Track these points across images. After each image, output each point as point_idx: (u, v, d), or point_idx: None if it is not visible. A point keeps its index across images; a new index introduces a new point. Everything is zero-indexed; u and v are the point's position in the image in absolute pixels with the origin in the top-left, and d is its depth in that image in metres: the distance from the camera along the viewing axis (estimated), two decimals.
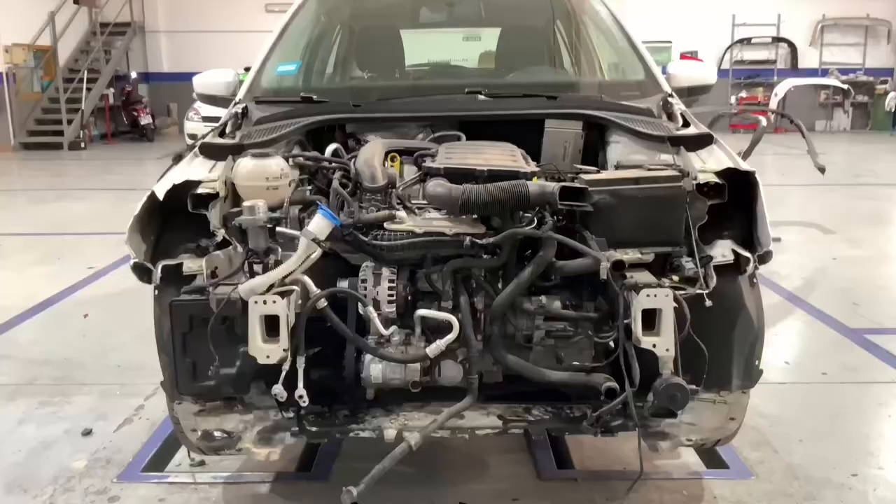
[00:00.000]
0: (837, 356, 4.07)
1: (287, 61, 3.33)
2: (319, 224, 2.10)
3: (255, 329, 2.04)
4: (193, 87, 3.41)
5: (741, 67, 18.80)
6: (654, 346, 2.04)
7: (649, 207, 2.18)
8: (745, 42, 18.71)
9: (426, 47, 4.67)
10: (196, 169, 2.42)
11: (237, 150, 2.47)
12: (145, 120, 16.68)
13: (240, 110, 2.81)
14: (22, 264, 6.21)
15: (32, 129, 15.56)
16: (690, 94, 3.25)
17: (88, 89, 15.92)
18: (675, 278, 2.21)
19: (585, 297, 2.30)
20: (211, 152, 2.51)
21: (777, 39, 18.79)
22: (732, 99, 18.32)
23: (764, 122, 6.79)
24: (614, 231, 2.17)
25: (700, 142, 2.54)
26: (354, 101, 2.75)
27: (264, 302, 2.03)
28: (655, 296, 2.02)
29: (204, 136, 2.69)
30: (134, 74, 17.96)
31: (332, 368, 2.31)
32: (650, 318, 2.05)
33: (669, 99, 2.89)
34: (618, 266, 2.05)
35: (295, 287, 2.11)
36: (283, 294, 2.07)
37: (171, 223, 2.39)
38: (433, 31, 4.60)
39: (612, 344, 2.21)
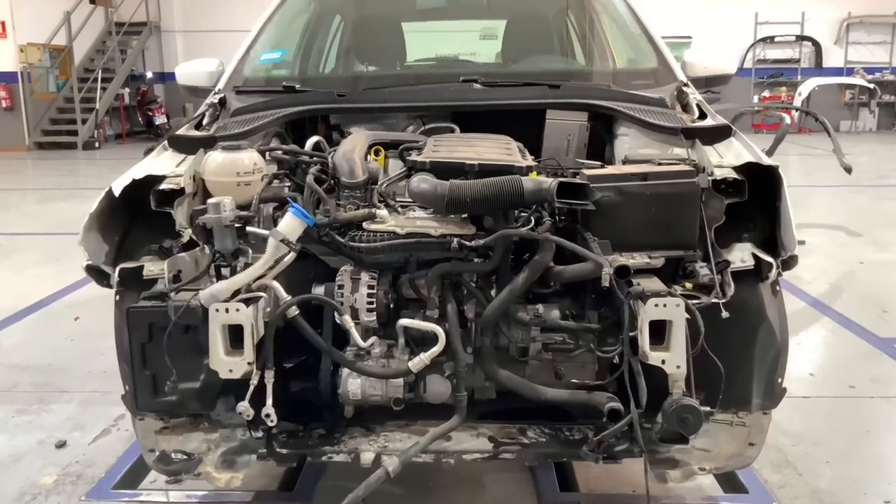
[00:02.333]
0: (866, 368, 3.80)
1: (272, 49, 3.12)
2: (290, 224, 1.89)
3: (217, 340, 1.84)
4: (176, 77, 3.22)
5: (764, 66, 18.41)
6: (664, 362, 1.81)
7: (659, 206, 1.95)
8: (768, 40, 18.32)
9: (437, 45, 4.45)
10: (163, 163, 2.23)
11: (209, 143, 2.27)
12: (160, 120, 16.60)
13: (217, 100, 2.60)
14: (21, 264, 6.08)
15: (47, 128, 15.56)
16: (708, 84, 3.00)
17: (103, 89, 15.89)
18: (688, 286, 1.98)
19: (588, 305, 2.07)
20: (180, 145, 2.31)
21: (801, 38, 18.39)
22: (755, 98, 17.95)
23: (788, 120, 6.50)
24: (619, 232, 1.95)
25: (717, 134, 2.30)
26: (339, 90, 2.54)
27: (227, 310, 1.82)
28: (665, 306, 1.79)
29: (178, 128, 2.49)
30: (149, 74, 17.92)
31: (307, 382, 2.12)
32: (659, 331, 1.83)
33: (684, 88, 2.65)
34: (622, 272, 1.82)
35: (262, 294, 1.91)
36: (248, 301, 1.87)
37: (139, 222, 2.20)
38: (443, 27, 4.37)
39: (616, 359, 1.98)
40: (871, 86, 16.62)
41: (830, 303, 4.88)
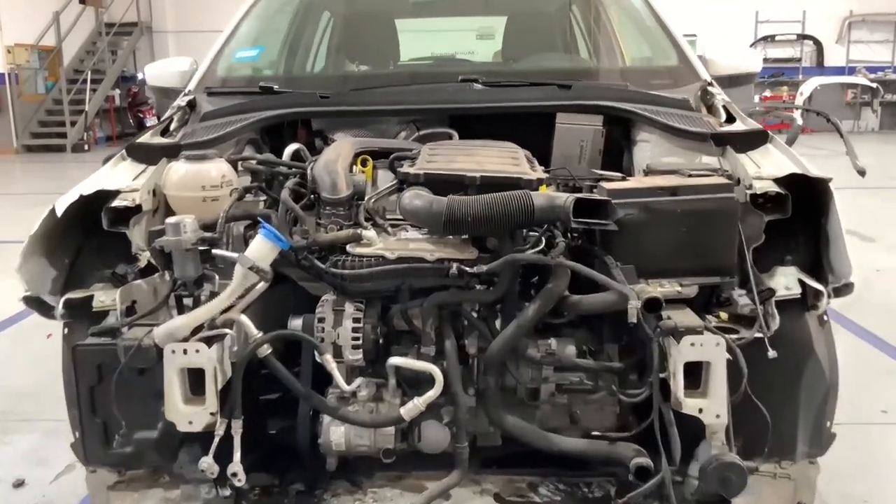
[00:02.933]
0: None
1: (249, 46, 2.83)
2: (260, 248, 1.62)
3: (174, 386, 1.56)
4: (146, 79, 2.93)
5: (765, 66, 18.06)
6: (701, 411, 1.54)
7: (692, 225, 1.67)
8: (769, 39, 18.06)
9: (432, 44, 4.17)
10: (119, 175, 1.95)
11: (173, 152, 2.00)
12: (151, 122, 16.27)
13: (185, 103, 2.32)
14: None
15: (35, 130, 15.21)
16: (731, 84, 2.72)
17: (93, 90, 15.56)
18: (723, 316, 1.71)
19: (606, 335, 1.80)
20: (140, 154, 2.03)
21: (802, 37, 18.14)
22: (756, 98, 17.69)
23: (800, 120, 6.22)
24: (645, 256, 1.67)
25: (752, 140, 2.03)
26: (323, 91, 2.25)
27: (185, 351, 1.55)
28: (702, 345, 1.52)
29: (140, 135, 2.21)
30: (140, 75, 17.59)
31: (285, 421, 1.85)
32: (695, 373, 1.55)
33: (709, 88, 2.37)
34: (652, 306, 1.54)
35: (228, 331, 1.63)
36: (211, 340, 1.59)
37: (93, 242, 1.92)
38: (438, 26, 4.10)
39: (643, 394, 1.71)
40: (874, 85, 16.39)
41: (849, 315, 4.59)
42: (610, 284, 1.58)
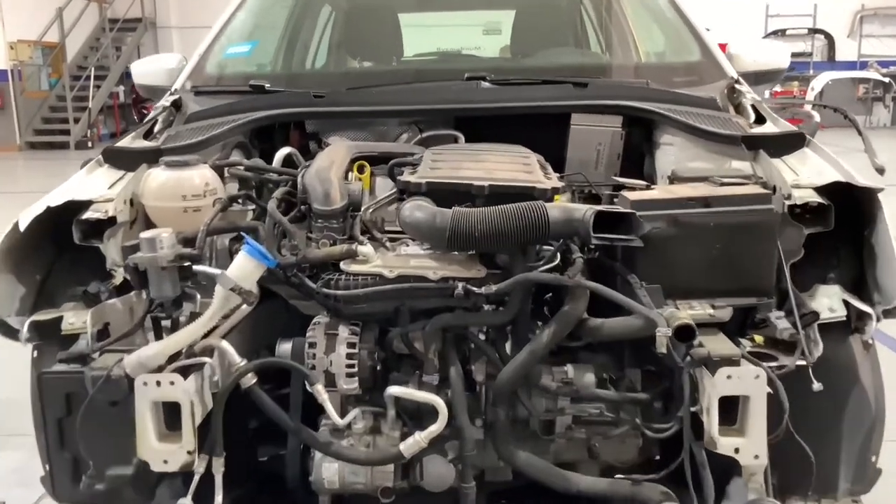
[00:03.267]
0: None
1: (243, 41, 2.65)
2: (243, 266, 1.45)
3: (146, 422, 1.41)
4: (133, 77, 2.75)
5: None
6: (737, 450, 1.37)
7: (726, 240, 1.50)
8: (780, 34, 17.80)
9: (436, 40, 3.98)
10: (94, 183, 1.79)
11: (153, 157, 1.83)
12: None
13: (170, 103, 2.15)
14: None
15: (39, 127, 15.12)
16: (757, 81, 2.53)
17: (97, 87, 15.43)
18: (758, 339, 1.54)
19: (628, 359, 1.63)
20: (118, 159, 1.87)
21: (813, 31, 17.89)
22: (766, 94, 17.46)
23: (818, 116, 6.02)
24: (674, 275, 1.51)
25: (787, 143, 1.85)
26: (318, 90, 2.08)
27: (158, 382, 1.38)
28: (740, 378, 1.35)
29: (121, 138, 2.05)
30: None
31: (275, 448, 1.70)
32: (730, 408, 1.38)
33: (737, 86, 2.19)
34: (684, 334, 1.37)
35: (207, 359, 1.46)
36: (188, 370, 1.43)
37: (67, 256, 1.76)
38: (442, 20, 3.91)
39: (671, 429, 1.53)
40: (886, 80, 16.19)
41: (885, 328, 4.37)
42: (636, 309, 1.41)
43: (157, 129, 2.09)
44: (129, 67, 3.04)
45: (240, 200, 1.76)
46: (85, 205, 1.65)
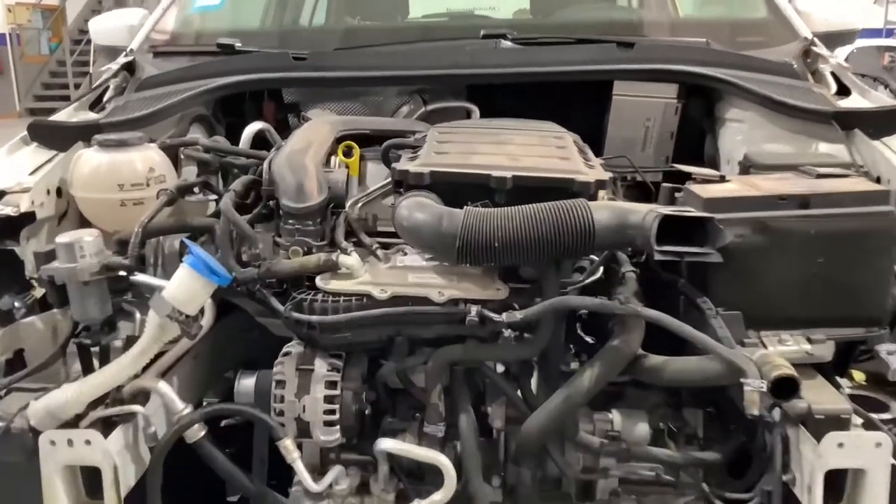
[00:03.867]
0: None
1: None
2: (184, 286, 1.09)
3: (56, 490, 1.05)
4: (91, 36, 2.36)
5: None
6: None
7: (830, 253, 1.12)
8: None
9: (444, 1, 3.56)
10: (14, 167, 1.42)
11: (91, 134, 1.46)
12: None
13: (121, 66, 1.77)
14: None
15: (39, 93, 14.81)
16: (827, 44, 2.12)
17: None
18: (858, 377, 1.17)
19: (686, 396, 1.27)
20: (47, 137, 1.50)
21: None
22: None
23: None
24: (759, 298, 1.13)
25: (886, 121, 1.46)
26: (299, 52, 1.68)
27: (69, 441, 1.03)
28: (857, 447, 0.98)
29: (61, 110, 1.69)
30: None
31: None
32: (837, 480, 1.02)
33: (813, 48, 1.79)
34: (784, 389, 1.00)
35: (138, 408, 1.11)
36: (111, 423, 1.08)
37: None
38: None
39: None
40: None
41: None
42: (717, 350, 1.04)
43: (106, 97, 1.72)
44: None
45: (196, 189, 1.40)
46: None
